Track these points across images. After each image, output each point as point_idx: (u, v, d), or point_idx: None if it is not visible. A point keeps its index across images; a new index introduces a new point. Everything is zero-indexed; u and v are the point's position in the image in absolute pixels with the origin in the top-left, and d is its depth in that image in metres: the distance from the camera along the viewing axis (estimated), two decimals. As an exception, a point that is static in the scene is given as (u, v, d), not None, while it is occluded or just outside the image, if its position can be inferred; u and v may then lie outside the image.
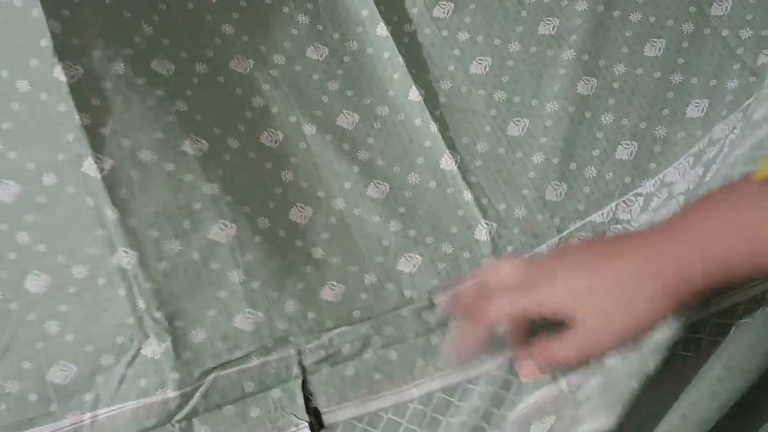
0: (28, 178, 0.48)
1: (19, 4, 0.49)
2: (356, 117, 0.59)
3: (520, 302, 0.43)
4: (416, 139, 0.58)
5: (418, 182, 0.57)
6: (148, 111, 0.51)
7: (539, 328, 0.44)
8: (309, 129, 0.57)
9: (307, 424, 0.48)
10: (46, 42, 0.49)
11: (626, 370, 0.41)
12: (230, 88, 0.57)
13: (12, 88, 0.49)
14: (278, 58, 0.59)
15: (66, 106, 0.48)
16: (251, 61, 0.58)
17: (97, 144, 0.48)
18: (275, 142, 0.56)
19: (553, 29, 0.62)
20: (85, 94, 0.49)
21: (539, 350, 0.43)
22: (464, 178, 0.57)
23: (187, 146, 0.52)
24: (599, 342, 0.41)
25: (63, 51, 0.49)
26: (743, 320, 0.49)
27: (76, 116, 0.48)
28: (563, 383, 0.47)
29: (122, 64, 0.51)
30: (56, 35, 0.49)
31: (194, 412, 0.48)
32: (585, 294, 0.41)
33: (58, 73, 0.48)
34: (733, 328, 0.49)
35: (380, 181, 0.56)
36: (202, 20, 0.58)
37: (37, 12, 0.49)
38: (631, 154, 0.59)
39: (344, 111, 0.59)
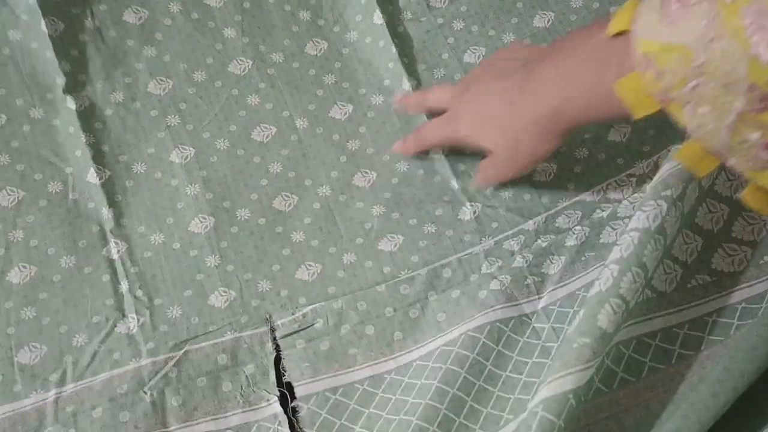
0: (33, 186, 0.53)
1: (35, 46, 0.57)
2: (350, 108, 0.59)
3: (444, 133, 0.53)
4: (408, 129, 0.58)
5: (406, 169, 0.57)
6: (142, 130, 0.56)
7: None
8: (301, 123, 0.58)
9: (277, 398, 0.47)
10: (60, 80, 0.55)
11: (577, 330, 0.42)
12: (226, 90, 0.58)
13: (25, 114, 0.55)
14: (277, 56, 0.60)
15: (74, 128, 0.55)
16: (249, 62, 0.59)
17: (98, 158, 0.54)
18: (267, 137, 0.57)
19: (547, 22, 0.62)
20: (90, 119, 0.56)
21: (480, 169, 0.53)
22: (452, 167, 0.56)
23: (174, 156, 0.56)
24: (510, 166, 0.50)
25: (73, 86, 0.56)
26: (744, 321, 0.48)
27: (82, 136, 0.54)
28: None
29: (120, 93, 0.57)
30: (67, 73, 0.56)
31: (167, 381, 0.48)
32: (488, 130, 0.49)
33: (70, 103, 0.55)
34: (734, 328, 0.48)
35: (367, 170, 0.57)
36: (205, 28, 0.60)
37: (51, 54, 0.56)
38: (624, 136, 0.57)
39: (338, 102, 0.59)
